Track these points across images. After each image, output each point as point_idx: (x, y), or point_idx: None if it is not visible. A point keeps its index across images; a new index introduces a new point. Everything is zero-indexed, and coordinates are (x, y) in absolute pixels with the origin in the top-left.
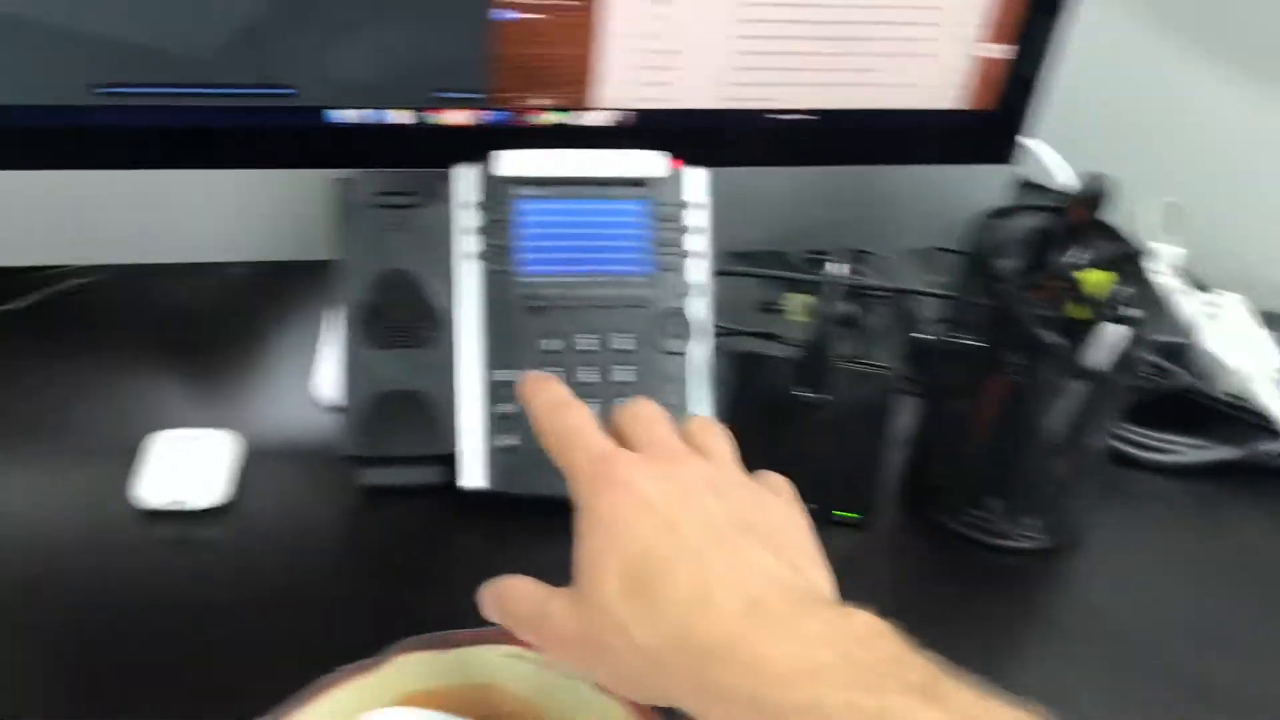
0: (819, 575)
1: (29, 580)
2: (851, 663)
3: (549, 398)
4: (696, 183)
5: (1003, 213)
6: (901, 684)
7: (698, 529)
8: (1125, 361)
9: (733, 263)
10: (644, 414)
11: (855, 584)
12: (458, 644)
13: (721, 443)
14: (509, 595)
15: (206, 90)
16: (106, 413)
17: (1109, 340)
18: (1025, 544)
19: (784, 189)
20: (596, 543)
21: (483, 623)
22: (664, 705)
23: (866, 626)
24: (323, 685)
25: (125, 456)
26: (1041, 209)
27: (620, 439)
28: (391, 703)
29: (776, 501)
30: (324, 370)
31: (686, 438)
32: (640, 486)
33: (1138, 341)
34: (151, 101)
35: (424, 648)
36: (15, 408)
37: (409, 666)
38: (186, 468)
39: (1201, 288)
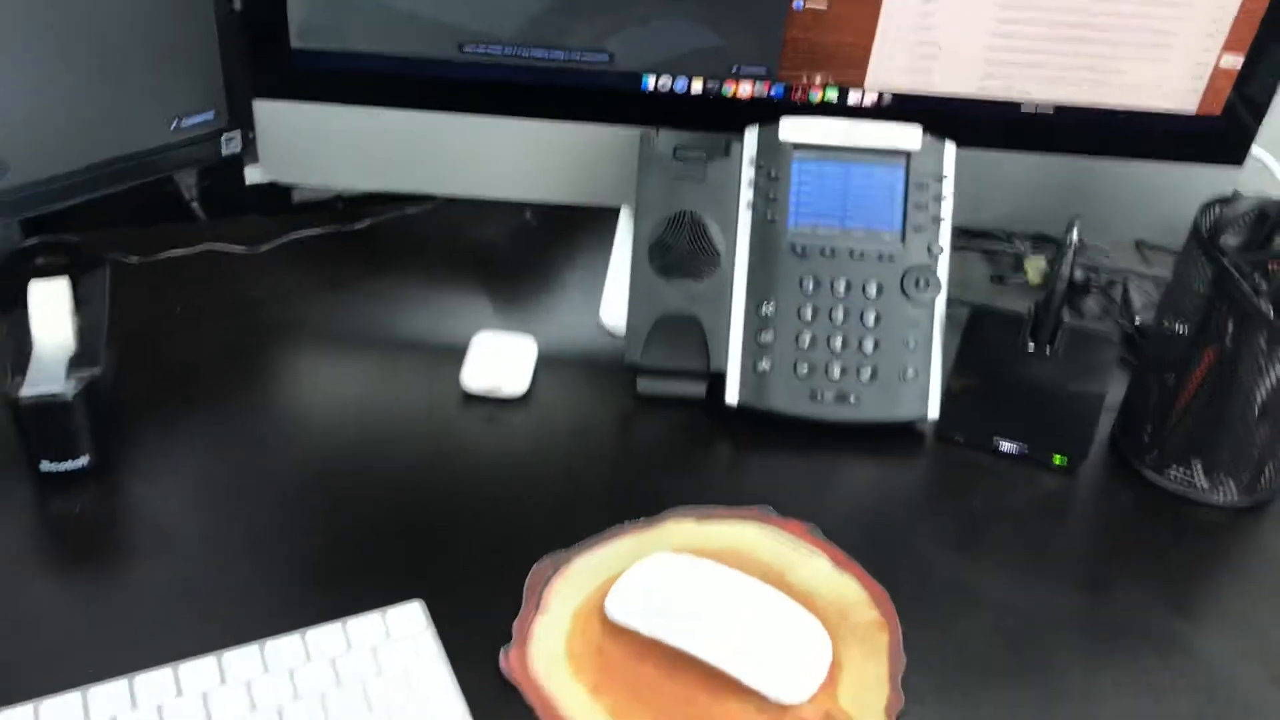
0: None
1: (377, 443)
2: None
3: None
4: (948, 156)
5: (1228, 199)
6: None
7: None
8: None
9: (969, 240)
10: None
11: (1060, 524)
12: (718, 517)
13: None
14: None
15: (546, 53)
16: (432, 317)
17: None
18: (1222, 502)
19: (1019, 174)
20: None
21: (738, 504)
22: None
23: None
24: (612, 533)
25: (449, 352)
26: (1266, 197)
27: None
28: (665, 551)
29: None
30: (610, 300)
31: None
32: None
33: None
34: (503, 60)
35: (691, 516)
36: (359, 312)
37: (678, 528)
38: (499, 362)
39: None
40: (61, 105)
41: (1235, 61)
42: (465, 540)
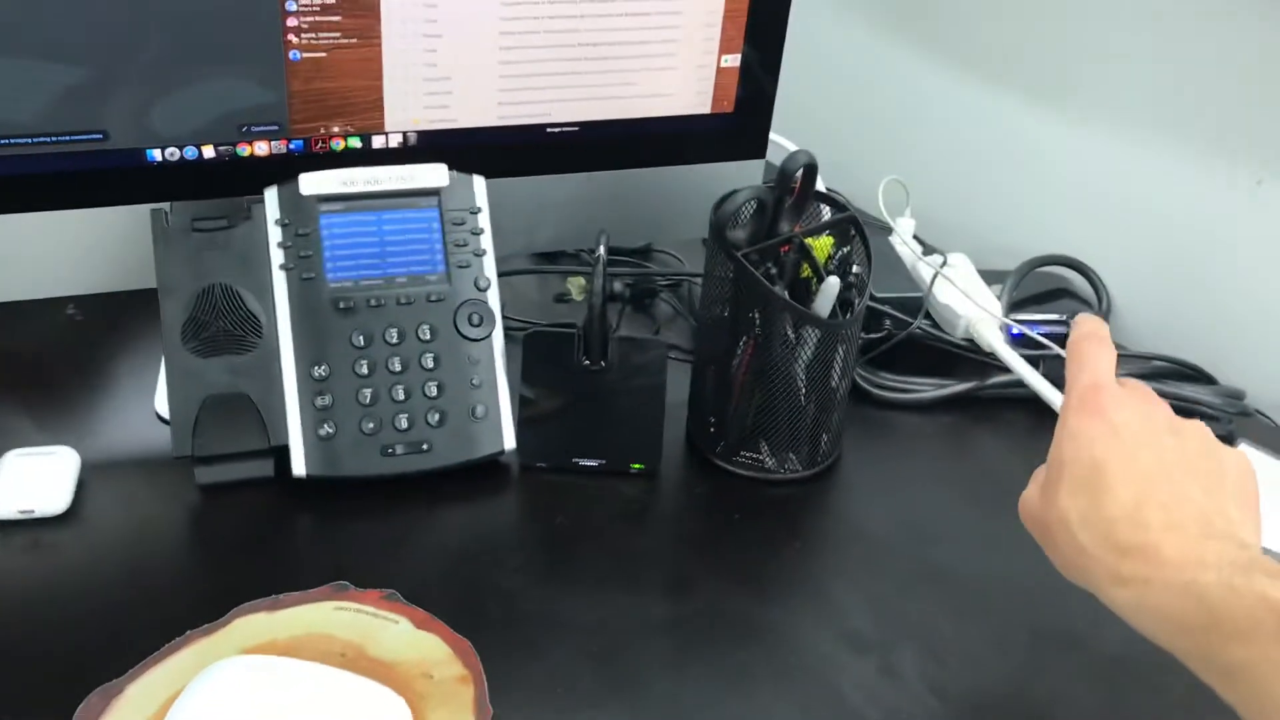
0: (1247, 521)
1: None
2: (1227, 578)
3: (1090, 330)
4: (478, 189)
5: (729, 196)
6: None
7: (1148, 460)
8: (850, 310)
9: (531, 264)
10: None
11: (642, 531)
12: (290, 604)
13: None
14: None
15: (25, 140)
16: None
17: (829, 292)
18: (790, 475)
19: (566, 195)
20: (1066, 449)
21: (310, 585)
22: (1082, 584)
23: (1257, 565)
24: (171, 648)
25: None
26: (765, 187)
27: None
28: (234, 655)
29: (1228, 453)
30: (164, 388)
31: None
32: (1113, 416)
33: (859, 291)
34: None
35: (260, 609)
36: None
37: (247, 625)
38: (33, 481)
39: (934, 252)
40: None
41: (734, 60)
42: (5, 690)
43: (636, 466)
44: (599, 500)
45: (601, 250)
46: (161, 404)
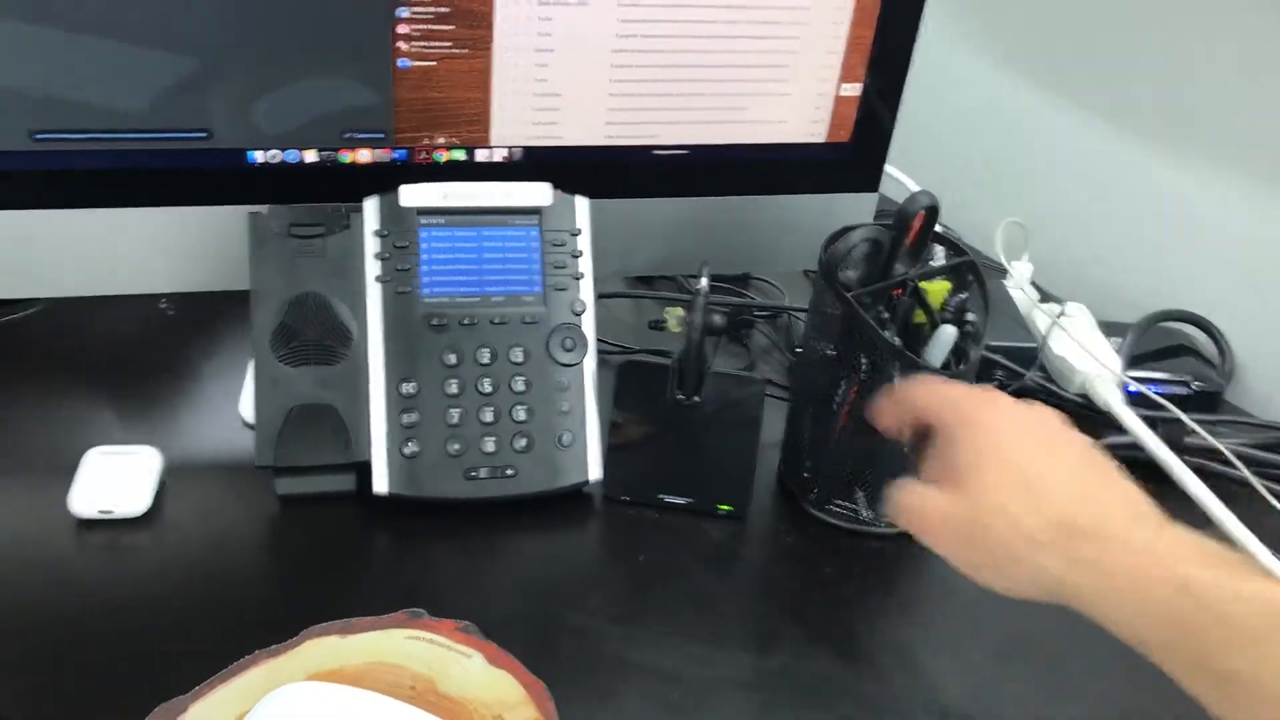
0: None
1: None
2: (1225, 579)
3: (925, 381)
4: (581, 211)
5: (844, 231)
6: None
7: (1071, 460)
8: (965, 360)
9: (627, 287)
10: None
11: (727, 577)
12: (362, 629)
13: None
14: (901, 491)
15: (134, 136)
16: (43, 434)
17: (944, 340)
18: (888, 530)
19: (668, 218)
20: (981, 445)
21: (383, 610)
22: (1015, 587)
23: (1245, 564)
24: (239, 666)
25: (59, 474)
26: (881, 226)
27: None
28: (300, 679)
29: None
30: (249, 392)
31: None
32: (1020, 411)
33: (975, 340)
34: (86, 146)
35: (331, 632)
36: None
37: (317, 648)
38: (114, 480)
39: (1051, 299)
40: None
41: (855, 89)
42: (73, 699)
43: (724, 508)
44: (683, 541)
45: (703, 282)
46: (246, 409)
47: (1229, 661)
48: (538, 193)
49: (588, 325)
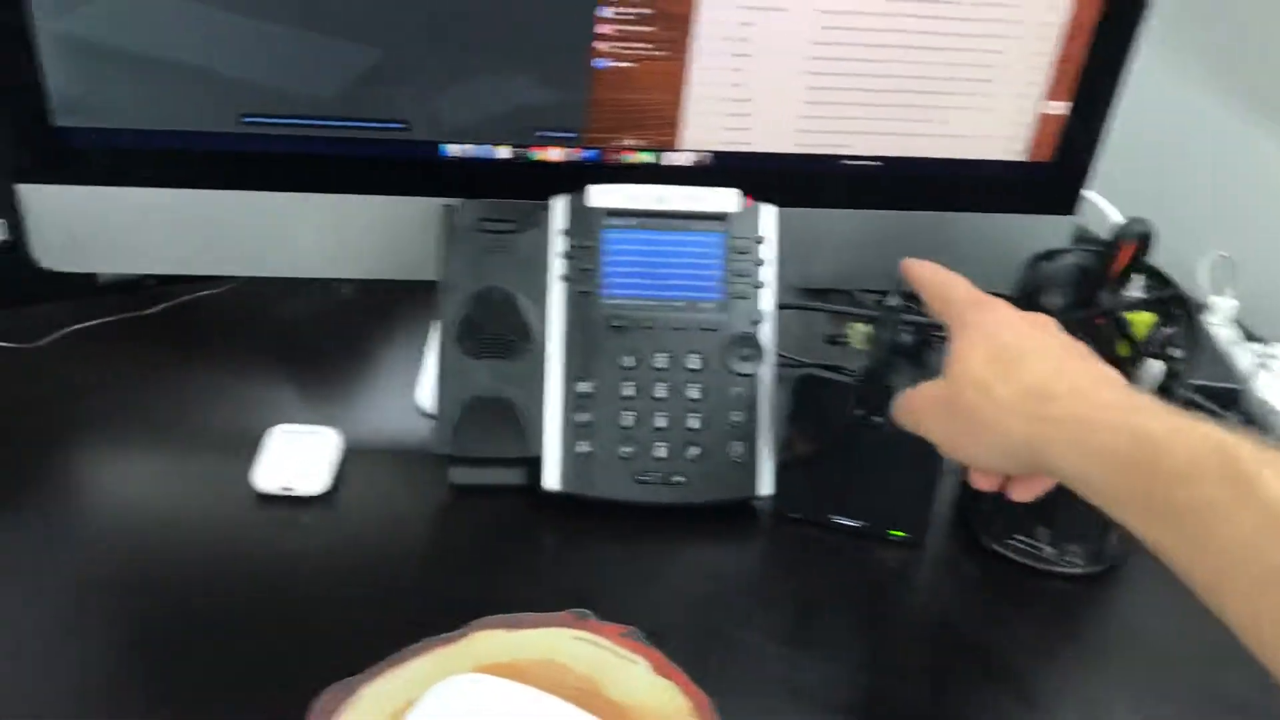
0: None
1: (156, 557)
2: (1170, 421)
3: (929, 266)
4: (768, 219)
5: (1050, 255)
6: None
7: (1054, 345)
8: (1169, 398)
9: (802, 298)
10: None
11: (899, 606)
12: (529, 625)
13: None
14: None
15: (334, 123)
16: (227, 410)
17: (1149, 376)
18: (1068, 569)
19: (852, 231)
20: (972, 337)
21: (553, 609)
22: (987, 456)
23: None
24: (409, 653)
25: (244, 448)
26: (1089, 252)
27: None
28: (468, 671)
29: None
30: (426, 380)
31: None
32: (1011, 311)
33: (1179, 379)
34: (288, 131)
35: (499, 626)
36: (148, 404)
37: (485, 641)
38: (296, 458)
39: (1256, 339)
40: None
41: (1060, 108)
42: (247, 666)
43: (898, 534)
44: (854, 565)
45: (895, 300)
46: (422, 397)
47: (1170, 494)
48: (725, 199)
49: (766, 335)
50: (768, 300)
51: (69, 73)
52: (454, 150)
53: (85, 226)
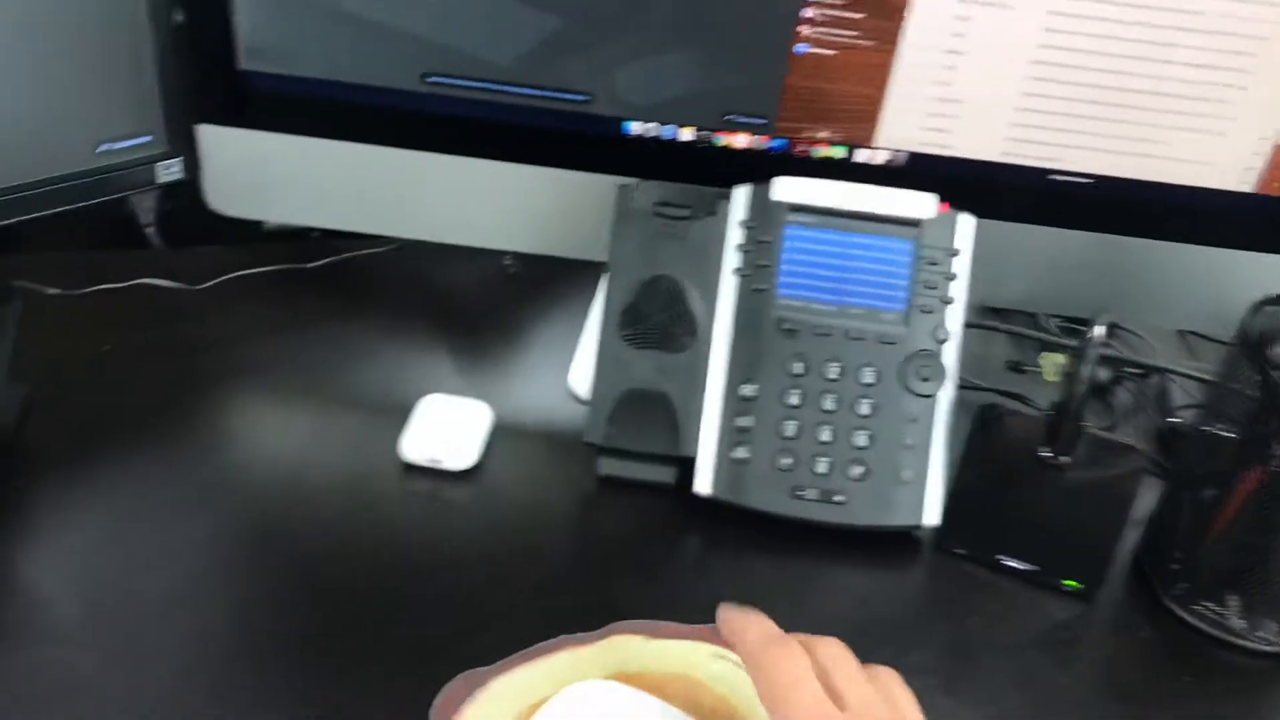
0: None
1: (297, 518)
2: None
3: (762, 633)
4: (964, 229)
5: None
6: None
7: None
8: None
9: (985, 317)
10: (844, 670)
11: (1067, 662)
12: (669, 635)
13: (912, 701)
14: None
15: (516, 89)
16: (380, 373)
17: None
18: (1258, 645)
19: (1048, 250)
20: None
21: (694, 620)
22: None
23: None
24: (543, 649)
25: (394, 414)
26: None
27: (821, 675)
28: (602, 676)
29: None
30: (581, 364)
31: (884, 692)
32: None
33: None
34: (470, 95)
35: (639, 632)
36: (303, 358)
37: (623, 647)
38: (446, 431)
39: None
40: None
41: None
42: (375, 644)
43: (1070, 584)
44: (1020, 612)
45: (1099, 330)
46: (575, 381)
47: None
48: (921, 204)
49: (950, 356)
50: (955, 318)
51: (259, 17)
52: (638, 128)
53: (258, 173)
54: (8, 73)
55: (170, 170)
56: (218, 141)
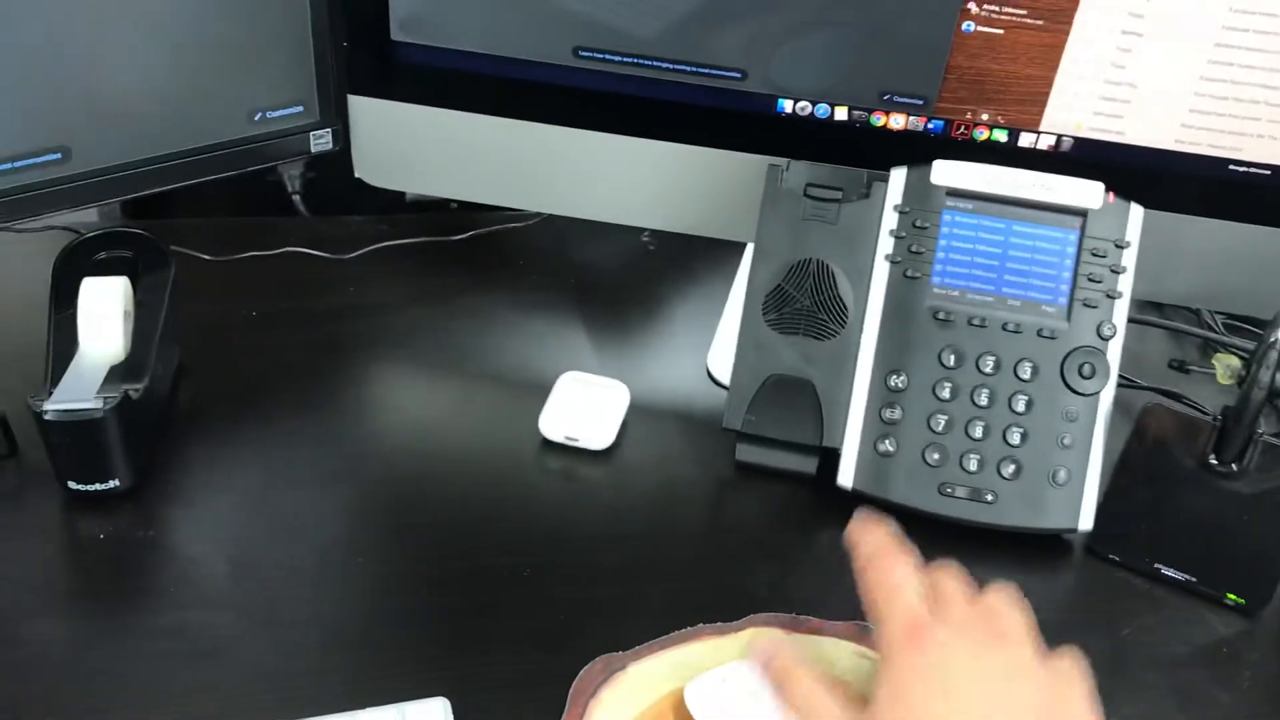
0: None
1: (437, 487)
2: None
3: (876, 543)
4: (1134, 221)
5: None
6: None
7: (978, 707)
8: None
9: (1144, 312)
10: (951, 586)
11: (1227, 684)
12: (809, 629)
13: (1020, 622)
14: (798, 683)
15: (669, 65)
16: (521, 347)
17: None
18: None
19: (1221, 245)
20: (892, 708)
21: (832, 615)
22: None
23: None
24: (681, 636)
25: (534, 389)
26: None
27: (933, 597)
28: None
29: (1069, 693)
30: (721, 347)
31: (988, 611)
32: (942, 667)
33: None
34: (622, 70)
35: (777, 624)
36: (444, 330)
37: (762, 639)
38: (584, 409)
39: None
40: (130, 89)
41: None
42: (511, 622)
43: (1234, 599)
44: (1176, 625)
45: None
46: (715, 363)
47: None
48: (1087, 192)
49: (1113, 353)
50: (1121, 313)
51: None
52: (791, 107)
53: (406, 144)
54: (167, 42)
55: (321, 140)
56: (368, 112)
